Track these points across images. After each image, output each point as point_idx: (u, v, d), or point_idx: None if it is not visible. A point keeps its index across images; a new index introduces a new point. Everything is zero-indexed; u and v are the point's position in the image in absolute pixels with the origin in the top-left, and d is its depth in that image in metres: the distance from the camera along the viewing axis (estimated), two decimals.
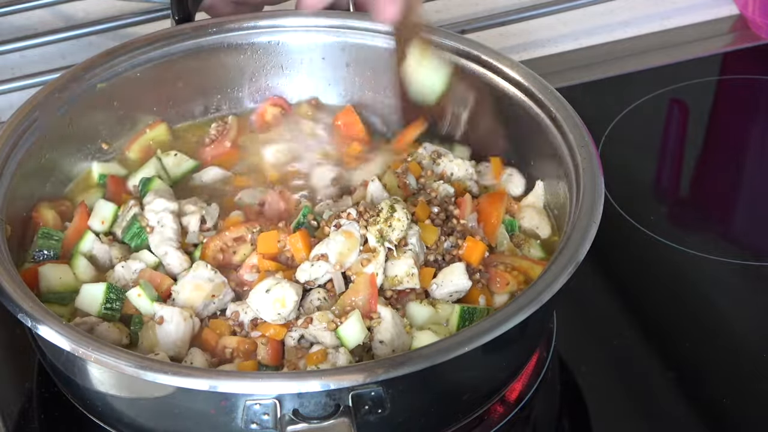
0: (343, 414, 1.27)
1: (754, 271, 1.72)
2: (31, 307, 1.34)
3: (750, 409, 1.54)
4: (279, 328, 1.41)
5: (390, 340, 1.39)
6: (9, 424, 1.50)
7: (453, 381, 1.37)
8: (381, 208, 1.47)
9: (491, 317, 1.33)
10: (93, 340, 1.31)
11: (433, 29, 1.66)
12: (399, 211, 1.46)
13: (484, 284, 1.48)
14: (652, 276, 1.71)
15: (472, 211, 1.55)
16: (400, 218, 1.46)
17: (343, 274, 1.45)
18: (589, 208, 1.44)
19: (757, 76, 2.04)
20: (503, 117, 1.64)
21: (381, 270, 1.44)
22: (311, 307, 1.43)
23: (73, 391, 1.45)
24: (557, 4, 2.07)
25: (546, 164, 1.59)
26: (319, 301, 1.43)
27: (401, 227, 1.46)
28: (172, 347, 1.41)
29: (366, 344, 1.39)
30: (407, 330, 1.41)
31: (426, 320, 1.43)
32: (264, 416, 1.29)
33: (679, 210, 1.86)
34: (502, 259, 1.50)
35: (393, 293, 1.45)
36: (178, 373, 1.28)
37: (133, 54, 1.67)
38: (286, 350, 1.40)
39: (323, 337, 1.38)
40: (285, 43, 1.73)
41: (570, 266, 1.37)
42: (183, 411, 1.33)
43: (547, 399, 1.54)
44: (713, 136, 1.97)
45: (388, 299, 1.44)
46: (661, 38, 2.10)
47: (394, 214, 1.46)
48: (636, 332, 1.63)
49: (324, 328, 1.38)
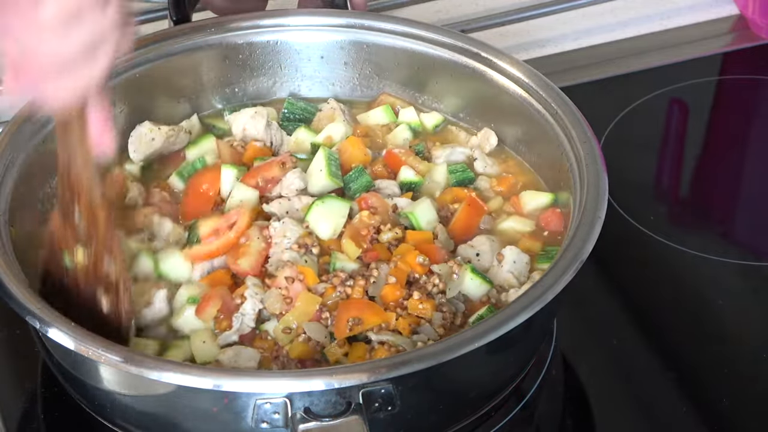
0: (354, 412, 1.27)
1: (754, 271, 1.72)
2: (38, 308, 1.34)
3: (750, 410, 1.54)
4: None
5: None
6: (10, 424, 1.50)
7: (461, 378, 1.37)
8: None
9: (498, 314, 1.33)
10: (100, 340, 1.31)
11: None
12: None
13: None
14: (652, 276, 1.71)
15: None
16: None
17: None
18: (593, 204, 1.44)
19: (757, 76, 2.04)
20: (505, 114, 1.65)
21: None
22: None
23: (82, 391, 1.45)
24: (557, 4, 2.07)
25: (548, 161, 1.59)
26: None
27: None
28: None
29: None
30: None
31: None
32: (274, 415, 1.29)
33: (679, 210, 1.86)
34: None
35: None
36: (186, 372, 1.28)
37: (131, 54, 1.66)
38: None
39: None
40: (284, 42, 1.73)
41: (575, 263, 1.37)
42: (191, 410, 1.33)
43: (549, 397, 1.54)
44: (713, 136, 1.97)
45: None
46: (661, 38, 2.10)
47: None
48: (636, 332, 1.63)
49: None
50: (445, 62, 1.69)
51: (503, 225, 1.58)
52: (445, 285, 1.46)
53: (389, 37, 1.71)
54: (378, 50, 1.72)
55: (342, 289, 1.43)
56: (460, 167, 1.63)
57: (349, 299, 1.43)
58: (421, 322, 1.42)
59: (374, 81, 1.75)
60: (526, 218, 1.58)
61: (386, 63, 1.73)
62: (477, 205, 1.58)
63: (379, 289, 1.44)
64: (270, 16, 1.74)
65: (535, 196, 1.60)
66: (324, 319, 1.42)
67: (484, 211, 1.58)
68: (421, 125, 1.71)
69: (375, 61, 1.73)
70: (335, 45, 1.73)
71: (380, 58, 1.73)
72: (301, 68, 1.75)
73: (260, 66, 1.74)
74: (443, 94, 1.72)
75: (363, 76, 1.75)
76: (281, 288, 1.44)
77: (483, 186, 1.63)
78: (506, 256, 1.50)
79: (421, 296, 1.43)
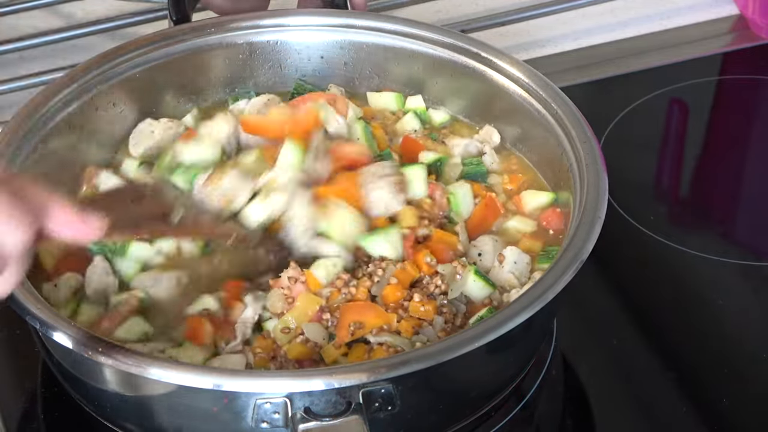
0: (354, 411, 1.27)
1: (755, 271, 1.72)
2: (38, 308, 1.34)
3: (750, 410, 1.54)
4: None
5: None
6: (10, 424, 1.50)
7: (461, 378, 1.37)
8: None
9: (498, 314, 1.33)
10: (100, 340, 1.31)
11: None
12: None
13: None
14: (652, 276, 1.71)
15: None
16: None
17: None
18: (593, 204, 1.44)
19: (757, 76, 2.04)
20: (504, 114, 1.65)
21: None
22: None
23: (82, 391, 1.45)
24: (557, 4, 2.07)
25: (548, 161, 1.59)
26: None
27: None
28: None
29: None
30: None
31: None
32: (275, 415, 1.29)
33: (679, 210, 1.86)
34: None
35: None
36: (186, 371, 1.28)
37: (132, 55, 1.67)
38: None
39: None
40: (284, 42, 1.73)
41: (575, 263, 1.37)
42: (191, 410, 1.33)
43: (549, 397, 1.54)
44: (713, 136, 1.97)
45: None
46: (661, 38, 2.10)
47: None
48: (636, 332, 1.63)
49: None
50: (445, 62, 1.69)
51: (506, 224, 1.58)
52: (447, 286, 1.46)
53: (389, 37, 1.71)
54: (378, 50, 1.72)
55: (347, 291, 1.43)
56: (475, 160, 1.63)
57: (350, 302, 1.43)
58: (423, 324, 1.42)
59: (374, 81, 1.74)
60: (528, 218, 1.58)
61: (386, 63, 1.73)
62: (494, 207, 1.57)
63: (381, 288, 1.44)
64: (270, 16, 1.74)
65: (536, 196, 1.60)
66: (325, 320, 1.42)
67: (500, 214, 1.58)
68: (427, 116, 1.71)
69: (375, 61, 1.73)
70: (335, 45, 1.73)
71: (380, 58, 1.73)
72: (301, 68, 1.75)
73: (260, 66, 1.74)
74: (443, 94, 1.72)
75: (363, 76, 1.75)
76: (283, 288, 1.44)
77: (494, 181, 1.62)
78: (507, 257, 1.50)
79: (422, 298, 1.43)
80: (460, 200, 1.55)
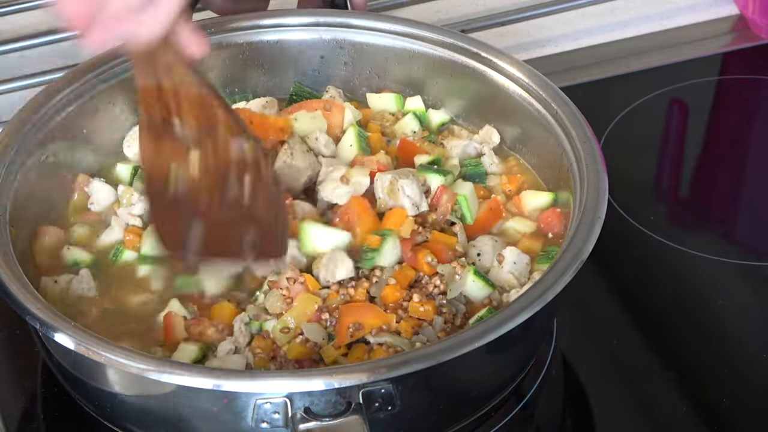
0: (354, 411, 1.27)
1: (754, 271, 1.72)
2: (38, 308, 1.34)
3: (750, 410, 1.54)
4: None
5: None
6: (10, 424, 1.50)
7: (461, 378, 1.37)
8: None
9: (497, 315, 1.33)
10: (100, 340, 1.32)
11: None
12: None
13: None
14: (652, 276, 1.71)
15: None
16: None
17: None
18: (593, 204, 1.44)
19: (757, 76, 2.04)
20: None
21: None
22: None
23: (82, 391, 1.45)
24: (557, 4, 2.07)
25: (548, 161, 1.59)
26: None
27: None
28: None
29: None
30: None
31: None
32: (275, 415, 1.29)
33: (679, 210, 1.86)
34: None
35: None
36: (186, 372, 1.28)
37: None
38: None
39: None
40: (284, 42, 1.73)
41: (575, 263, 1.37)
42: (191, 410, 1.33)
43: (549, 397, 1.54)
44: (713, 136, 1.97)
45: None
46: (661, 38, 2.10)
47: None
48: (636, 332, 1.63)
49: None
50: (445, 62, 1.69)
51: (506, 225, 1.58)
52: (446, 286, 1.46)
53: (389, 37, 1.71)
54: (378, 50, 1.72)
55: (345, 292, 1.43)
56: (473, 161, 1.63)
57: (349, 303, 1.43)
58: (423, 324, 1.42)
59: (374, 81, 1.74)
60: (527, 219, 1.58)
61: (386, 63, 1.73)
62: (498, 210, 1.57)
63: (380, 289, 1.44)
64: (270, 16, 1.74)
65: (535, 196, 1.60)
66: (324, 320, 1.42)
67: (502, 217, 1.58)
68: (426, 117, 1.71)
69: (375, 61, 1.73)
70: (335, 45, 1.73)
71: (380, 58, 1.73)
72: (301, 68, 1.75)
73: (260, 66, 1.74)
74: (443, 94, 1.72)
75: (363, 76, 1.75)
76: (282, 289, 1.44)
77: (493, 183, 1.63)
78: (506, 257, 1.50)
79: (421, 298, 1.43)
80: (470, 204, 1.55)
